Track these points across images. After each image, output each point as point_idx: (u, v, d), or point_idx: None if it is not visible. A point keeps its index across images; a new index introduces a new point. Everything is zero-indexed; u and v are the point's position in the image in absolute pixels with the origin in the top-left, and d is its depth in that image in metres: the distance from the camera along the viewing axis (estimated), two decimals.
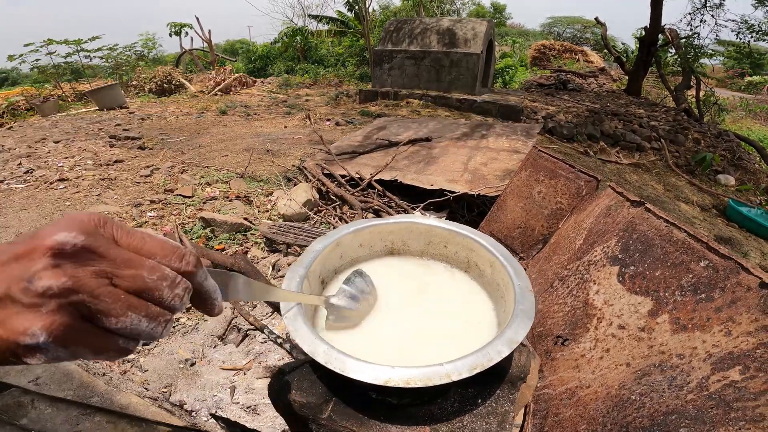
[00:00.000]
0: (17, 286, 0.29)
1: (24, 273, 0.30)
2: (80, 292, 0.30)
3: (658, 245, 0.88)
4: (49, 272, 0.30)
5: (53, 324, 0.30)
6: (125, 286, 0.32)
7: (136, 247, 0.34)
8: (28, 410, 0.95)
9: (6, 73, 21.63)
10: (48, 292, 0.29)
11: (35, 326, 0.29)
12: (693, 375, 0.61)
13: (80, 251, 0.31)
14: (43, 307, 0.29)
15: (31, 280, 0.29)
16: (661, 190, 4.77)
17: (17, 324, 0.29)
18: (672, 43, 10.25)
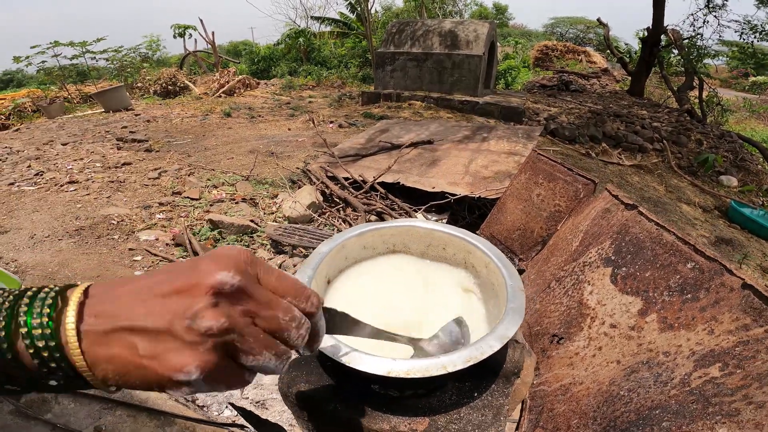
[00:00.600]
0: (181, 324, 0.30)
1: (187, 310, 0.31)
2: (233, 331, 0.32)
3: (648, 247, 0.92)
4: (210, 312, 0.31)
5: (208, 363, 0.31)
6: (263, 326, 0.34)
7: (273, 286, 0.36)
8: (51, 405, 0.99)
9: (11, 75, 21.84)
10: (209, 332, 0.30)
11: (192, 365, 0.30)
12: (677, 372, 0.65)
13: (236, 292, 0.33)
14: (201, 346, 0.30)
15: (194, 318, 0.30)
16: (663, 191, 4.79)
17: (175, 361, 0.30)
18: (675, 44, 10.24)
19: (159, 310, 0.31)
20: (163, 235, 2.26)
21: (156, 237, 2.23)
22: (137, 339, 0.30)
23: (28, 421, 0.93)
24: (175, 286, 0.32)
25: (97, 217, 2.39)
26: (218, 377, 0.32)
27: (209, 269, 0.32)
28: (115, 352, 0.30)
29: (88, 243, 2.14)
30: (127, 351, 0.30)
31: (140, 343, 0.30)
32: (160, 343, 0.30)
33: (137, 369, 0.30)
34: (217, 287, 0.31)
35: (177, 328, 0.30)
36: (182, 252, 2.13)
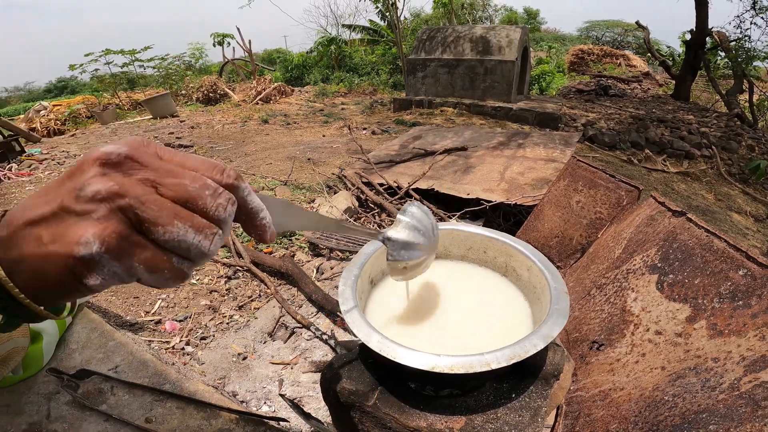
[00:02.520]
0: (70, 196, 0.30)
1: (75, 184, 0.30)
2: (127, 196, 0.30)
3: (698, 254, 0.90)
4: (97, 178, 0.30)
5: (105, 230, 0.29)
6: (169, 195, 0.31)
7: (178, 162, 0.34)
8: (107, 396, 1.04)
9: (65, 82, 23.47)
10: (97, 195, 0.29)
11: (88, 233, 0.29)
12: (726, 377, 0.64)
13: (125, 160, 0.31)
14: (94, 213, 0.29)
15: (81, 188, 0.30)
16: (711, 199, 4.54)
17: (72, 234, 0.29)
18: (721, 46, 9.74)
19: (52, 196, 0.31)
20: None
21: None
22: (39, 229, 0.30)
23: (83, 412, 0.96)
24: (67, 172, 0.31)
25: None
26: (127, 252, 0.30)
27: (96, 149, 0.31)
28: (25, 250, 0.30)
29: None
30: (34, 244, 0.30)
31: (43, 233, 0.30)
32: (59, 225, 0.30)
33: (46, 260, 0.30)
34: (102, 158, 0.30)
35: (67, 203, 0.30)
36: (226, 253, 2.24)
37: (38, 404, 1.00)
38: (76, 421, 0.96)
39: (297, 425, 1.31)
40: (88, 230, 0.29)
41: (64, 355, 1.15)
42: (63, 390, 1.04)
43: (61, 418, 0.96)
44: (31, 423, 0.95)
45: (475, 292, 0.87)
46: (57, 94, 21.59)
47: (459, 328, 0.79)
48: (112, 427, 0.97)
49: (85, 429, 0.96)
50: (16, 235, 0.30)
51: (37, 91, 25.40)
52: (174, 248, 0.32)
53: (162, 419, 1.02)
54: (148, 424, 0.99)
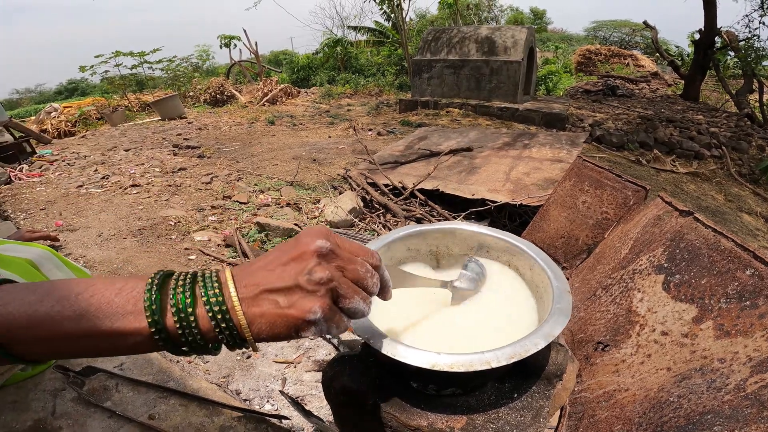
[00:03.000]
0: (302, 279, 0.42)
1: (304, 269, 0.43)
2: (334, 281, 0.44)
3: (705, 254, 0.89)
4: (318, 267, 0.43)
5: (324, 304, 0.43)
6: (350, 277, 0.46)
7: (348, 249, 0.48)
8: (112, 393, 1.05)
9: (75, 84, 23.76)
10: (321, 281, 0.43)
11: (316, 305, 0.42)
12: (732, 378, 0.63)
13: (329, 252, 0.45)
14: (318, 293, 0.43)
15: (311, 273, 0.43)
16: (721, 200, 4.49)
17: (304, 305, 0.42)
18: (730, 46, 9.64)
19: (286, 274, 0.43)
20: (214, 236, 2.41)
21: (208, 238, 2.38)
22: (277, 296, 0.42)
23: (88, 408, 0.96)
24: (290, 255, 0.44)
25: (157, 218, 2.59)
26: (331, 316, 0.44)
27: (309, 240, 0.45)
28: (265, 309, 0.42)
29: (149, 242, 2.31)
30: (273, 306, 0.42)
31: (280, 299, 0.42)
32: (293, 296, 0.42)
33: (281, 318, 0.42)
34: (317, 251, 0.44)
35: (301, 282, 0.42)
36: (232, 252, 2.26)
37: (44, 401, 1.00)
38: (80, 417, 0.97)
39: (299, 423, 1.32)
40: (316, 303, 0.42)
41: None
42: (69, 387, 1.04)
43: (66, 414, 0.97)
44: (37, 419, 0.95)
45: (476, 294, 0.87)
46: (67, 95, 21.87)
47: (461, 327, 0.78)
48: (115, 424, 0.97)
49: (89, 425, 0.96)
50: (260, 298, 0.43)
51: (47, 93, 25.75)
52: (349, 312, 0.46)
53: (165, 416, 1.02)
54: (151, 420, 1.00)
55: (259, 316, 0.42)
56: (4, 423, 0.93)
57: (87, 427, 0.96)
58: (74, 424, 0.96)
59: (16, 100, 24.90)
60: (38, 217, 2.92)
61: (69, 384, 1.05)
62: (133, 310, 0.41)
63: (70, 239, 2.48)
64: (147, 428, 0.97)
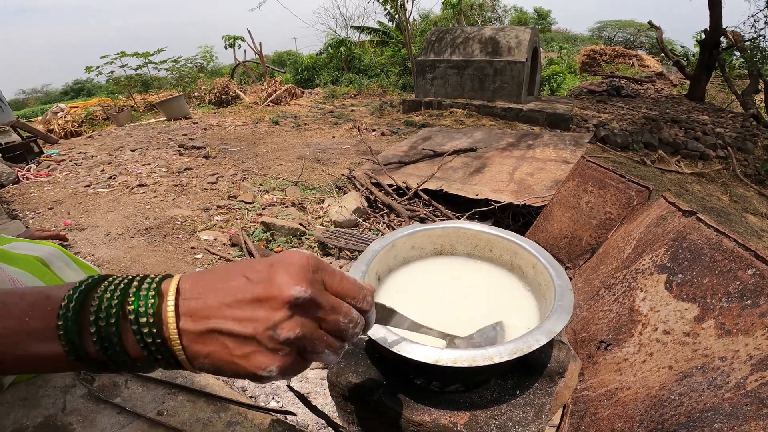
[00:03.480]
0: (264, 334, 0.36)
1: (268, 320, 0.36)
2: (305, 339, 0.38)
3: (707, 254, 0.90)
4: (287, 323, 0.36)
5: (284, 364, 0.37)
6: (326, 328, 0.39)
7: (336, 289, 0.41)
8: (122, 390, 1.06)
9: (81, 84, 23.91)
10: (287, 341, 0.36)
11: (273, 366, 0.36)
12: (732, 376, 0.64)
13: (306, 303, 0.37)
14: (280, 352, 0.37)
15: (275, 329, 0.36)
16: (727, 201, 4.47)
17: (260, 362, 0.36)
18: (736, 46, 9.58)
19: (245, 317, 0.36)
20: (220, 236, 2.44)
21: (214, 237, 2.41)
22: (228, 341, 0.36)
23: (98, 405, 0.97)
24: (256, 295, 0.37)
25: (164, 217, 2.62)
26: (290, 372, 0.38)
27: (284, 282, 0.37)
28: (212, 350, 0.36)
29: (156, 241, 2.34)
30: (221, 350, 0.36)
31: (231, 345, 0.36)
32: (248, 346, 0.36)
33: (229, 365, 0.36)
34: (292, 301, 0.36)
35: (262, 337, 0.36)
36: (238, 251, 2.28)
37: (54, 397, 1.01)
38: (90, 413, 0.97)
39: (303, 420, 1.33)
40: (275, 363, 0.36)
41: None
42: (79, 383, 1.05)
43: (76, 411, 0.98)
44: (47, 416, 0.96)
45: (481, 289, 0.88)
46: (73, 96, 22.03)
47: (465, 325, 0.79)
48: (125, 419, 0.98)
49: (99, 422, 0.96)
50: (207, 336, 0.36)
51: (54, 93, 25.94)
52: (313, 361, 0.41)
53: (173, 412, 1.03)
54: (159, 416, 1.00)
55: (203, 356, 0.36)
56: (15, 419, 0.93)
57: (97, 423, 0.96)
58: (84, 420, 0.96)
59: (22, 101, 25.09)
60: (46, 217, 2.95)
61: (80, 380, 1.06)
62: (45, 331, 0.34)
63: (79, 238, 2.52)
64: (155, 424, 0.98)
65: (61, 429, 0.95)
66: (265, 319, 0.36)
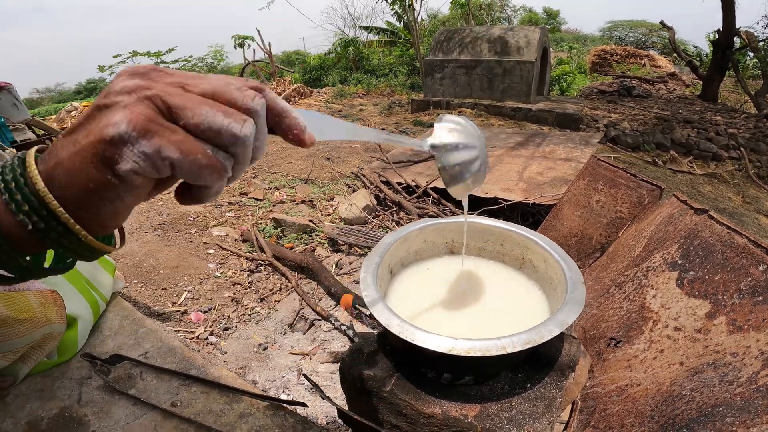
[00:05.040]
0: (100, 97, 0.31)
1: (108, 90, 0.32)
2: (149, 88, 0.31)
3: (719, 251, 0.90)
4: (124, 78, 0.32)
5: (132, 113, 0.30)
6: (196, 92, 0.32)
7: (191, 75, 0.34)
8: (136, 381, 1.07)
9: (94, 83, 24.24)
10: (124, 89, 0.31)
11: (116, 117, 0.30)
12: (744, 371, 0.64)
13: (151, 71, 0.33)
14: (121, 102, 0.30)
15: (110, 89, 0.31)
16: (739, 202, 4.41)
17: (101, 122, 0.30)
18: (750, 46, 9.43)
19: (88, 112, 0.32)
20: (232, 232, 2.47)
21: (226, 233, 2.44)
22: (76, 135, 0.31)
23: (113, 396, 0.99)
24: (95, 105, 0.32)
25: (177, 213, 2.65)
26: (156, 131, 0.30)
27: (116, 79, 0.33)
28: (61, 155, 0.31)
29: (169, 236, 2.38)
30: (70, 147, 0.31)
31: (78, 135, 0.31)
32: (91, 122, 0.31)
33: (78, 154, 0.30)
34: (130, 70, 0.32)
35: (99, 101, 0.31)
36: (249, 247, 2.31)
37: (70, 389, 1.03)
38: (105, 405, 0.99)
39: (314, 413, 1.35)
40: (117, 114, 0.30)
41: (97, 341, 1.20)
42: (95, 374, 1.07)
43: (92, 402, 0.99)
44: (63, 407, 0.98)
45: (492, 284, 0.89)
46: (86, 95, 22.35)
47: (477, 318, 0.81)
48: (139, 411, 0.99)
49: (114, 413, 0.97)
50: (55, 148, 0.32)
51: (67, 93, 26.32)
52: (205, 133, 0.32)
53: (187, 403, 1.04)
54: (173, 407, 1.02)
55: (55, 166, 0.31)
56: (30, 411, 0.95)
57: (111, 414, 0.98)
58: (99, 412, 0.97)
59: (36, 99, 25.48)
60: None
61: (96, 372, 1.08)
62: None
63: None
64: (169, 415, 0.99)
65: (76, 420, 0.96)
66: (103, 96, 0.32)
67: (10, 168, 0.33)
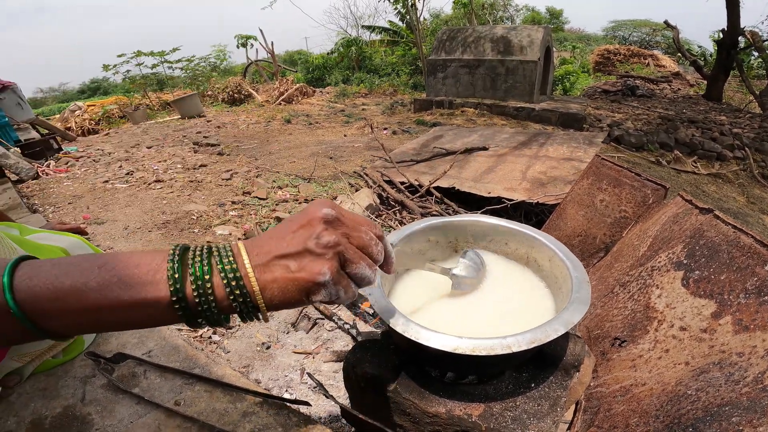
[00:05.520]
0: (311, 243, 0.45)
1: (312, 234, 0.46)
2: (340, 244, 0.46)
3: (724, 250, 0.89)
4: (326, 232, 0.46)
5: (332, 267, 0.45)
6: (355, 243, 0.48)
7: (352, 219, 0.51)
8: (140, 380, 1.06)
9: (98, 83, 24.35)
10: (328, 244, 0.45)
11: (325, 267, 0.45)
12: (750, 371, 0.64)
13: (335, 220, 0.48)
14: (326, 256, 0.45)
15: (319, 237, 0.45)
16: (743, 202, 4.39)
17: (315, 267, 0.44)
18: (754, 46, 9.39)
19: (295, 240, 0.46)
20: (235, 231, 2.48)
21: (229, 232, 2.45)
22: (288, 261, 0.45)
23: (116, 395, 0.98)
24: (299, 223, 0.47)
25: (180, 212, 2.67)
26: (339, 280, 0.46)
27: (316, 209, 0.48)
28: (277, 274, 0.44)
29: (173, 235, 2.39)
30: (284, 271, 0.44)
31: (291, 264, 0.45)
32: (303, 260, 0.45)
33: (292, 282, 0.44)
34: (324, 217, 0.47)
35: (310, 246, 0.45)
36: None
37: (74, 387, 1.01)
38: (109, 404, 0.97)
39: (317, 412, 1.35)
40: (325, 265, 0.45)
41: (101, 339, 1.20)
42: (99, 373, 1.06)
43: (96, 401, 0.98)
44: (66, 406, 0.96)
45: (497, 283, 0.89)
46: (90, 94, 22.44)
47: (481, 316, 0.80)
48: (143, 409, 0.98)
49: (117, 411, 0.96)
50: (271, 264, 0.45)
51: (71, 92, 26.43)
52: (355, 278, 0.49)
53: (190, 402, 1.04)
54: (176, 406, 1.02)
55: (272, 282, 0.44)
56: (34, 410, 0.94)
57: (115, 413, 0.97)
58: (103, 410, 0.97)
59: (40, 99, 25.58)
60: (66, 211, 3.03)
61: (100, 370, 1.08)
62: (153, 280, 0.42)
63: (98, 232, 2.58)
64: (173, 414, 0.99)
65: (80, 419, 0.95)
66: (309, 234, 0.46)
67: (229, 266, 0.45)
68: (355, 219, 0.51)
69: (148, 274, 0.42)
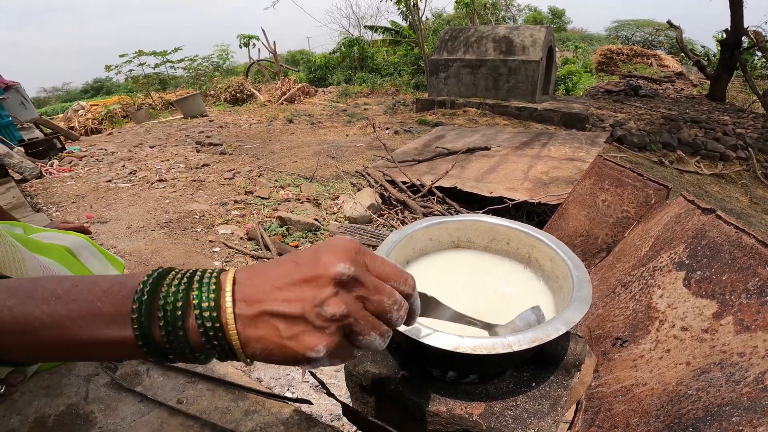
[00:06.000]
0: (312, 311, 0.36)
1: (315, 299, 0.37)
2: (349, 317, 0.38)
3: (726, 250, 0.89)
4: (333, 300, 0.37)
5: (332, 344, 0.37)
6: (371, 309, 0.39)
7: (378, 272, 0.41)
8: (143, 378, 1.05)
9: (101, 83, 24.44)
10: (333, 318, 0.37)
11: (321, 344, 0.36)
12: (751, 371, 0.64)
13: (351, 281, 0.38)
14: (327, 330, 0.37)
15: (321, 306, 0.36)
16: (746, 202, 4.37)
17: (308, 341, 0.36)
18: (758, 46, 9.35)
19: (293, 297, 0.37)
20: (237, 230, 2.49)
21: (232, 231, 2.46)
22: (278, 323, 0.37)
23: (120, 393, 0.98)
24: (304, 275, 0.38)
25: (183, 211, 2.68)
26: (337, 354, 0.38)
27: (329, 261, 0.38)
28: (262, 333, 0.37)
29: (175, 234, 2.40)
30: (272, 332, 0.37)
31: (281, 326, 0.37)
32: (297, 326, 0.37)
33: (279, 348, 0.37)
34: (337, 278, 0.37)
35: (309, 315, 0.36)
36: (255, 245, 2.32)
37: (77, 386, 1.02)
38: (112, 402, 0.98)
39: (318, 411, 1.36)
40: (322, 342, 0.37)
41: None
42: (102, 372, 1.06)
43: (99, 399, 0.99)
44: (69, 404, 0.97)
45: (498, 282, 0.89)
46: (93, 94, 22.51)
47: (482, 316, 0.80)
48: (145, 408, 0.99)
49: (120, 410, 0.96)
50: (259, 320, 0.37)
51: (74, 92, 26.51)
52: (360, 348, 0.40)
53: (193, 400, 1.04)
54: (179, 405, 1.02)
55: (255, 340, 0.37)
56: (38, 408, 0.95)
57: (118, 412, 0.96)
58: (106, 409, 0.96)
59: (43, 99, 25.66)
60: (69, 210, 3.04)
61: (103, 369, 1.08)
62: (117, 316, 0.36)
63: (101, 231, 2.59)
64: (175, 412, 0.99)
65: (83, 417, 0.95)
66: (312, 297, 0.37)
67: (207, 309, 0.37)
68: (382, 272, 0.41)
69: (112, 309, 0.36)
